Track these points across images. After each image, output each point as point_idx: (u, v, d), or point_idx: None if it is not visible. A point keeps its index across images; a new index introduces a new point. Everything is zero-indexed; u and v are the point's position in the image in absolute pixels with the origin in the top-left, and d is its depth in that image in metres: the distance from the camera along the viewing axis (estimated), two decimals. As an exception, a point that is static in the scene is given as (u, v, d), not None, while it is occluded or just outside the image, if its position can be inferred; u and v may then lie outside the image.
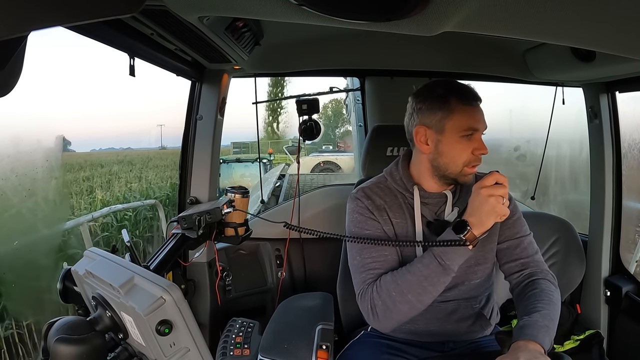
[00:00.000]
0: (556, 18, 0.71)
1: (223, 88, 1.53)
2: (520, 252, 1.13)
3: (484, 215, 0.97)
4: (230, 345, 1.20)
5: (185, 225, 1.26)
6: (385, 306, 1.04)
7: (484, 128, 1.07)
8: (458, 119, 1.05)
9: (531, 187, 1.93)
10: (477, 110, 1.07)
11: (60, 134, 12.34)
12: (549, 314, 0.96)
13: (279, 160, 15.11)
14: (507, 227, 1.15)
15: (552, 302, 1.00)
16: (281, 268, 1.81)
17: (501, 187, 0.97)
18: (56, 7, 0.42)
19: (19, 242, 3.11)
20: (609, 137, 1.59)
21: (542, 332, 0.90)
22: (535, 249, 1.15)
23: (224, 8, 0.84)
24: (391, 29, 0.77)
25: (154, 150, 21.57)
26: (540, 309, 0.96)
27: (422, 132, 1.09)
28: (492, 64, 1.70)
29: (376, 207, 1.14)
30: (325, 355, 1.07)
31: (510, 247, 1.14)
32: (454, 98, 1.05)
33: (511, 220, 1.15)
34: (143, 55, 1.09)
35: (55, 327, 0.70)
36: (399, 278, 1.04)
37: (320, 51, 1.71)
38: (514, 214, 1.16)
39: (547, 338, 0.90)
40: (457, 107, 1.05)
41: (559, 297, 1.05)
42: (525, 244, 1.14)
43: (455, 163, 1.07)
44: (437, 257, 1.01)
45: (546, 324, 0.92)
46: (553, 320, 0.95)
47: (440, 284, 1.03)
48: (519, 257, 1.12)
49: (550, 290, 1.04)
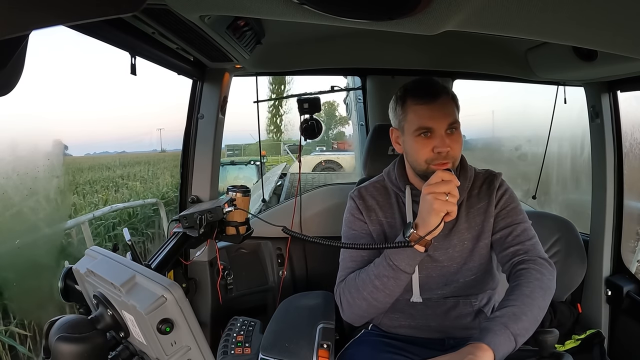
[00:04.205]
0: (558, 17, 0.70)
1: (224, 87, 1.53)
2: (512, 240, 1.10)
3: (425, 214, 0.98)
4: (232, 344, 1.20)
5: (186, 224, 1.27)
6: (347, 302, 1.12)
7: (445, 124, 1.05)
8: (411, 119, 1.08)
9: (532, 187, 1.93)
10: (432, 108, 1.05)
11: (58, 137, 12.47)
12: (514, 309, 0.93)
13: (272, 163, 15.17)
14: (502, 217, 1.14)
15: (524, 294, 0.96)
16: (282, 267, 1.81)
17: (443, 184, 0.96)
18: (57, 6, 0.42)
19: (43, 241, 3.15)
20: (611, 137, 1.58)
21: (492, 332, 0.89)
22: (529, 236, 1.11)
23: (226, 7, 0.84)
24: (393, 28, 0.77)
25: (153, 153, 21.63)
26: (506, 304, 0.95)
27: (395, 133, 1.16)
28: (494, 63, 1.70)
29: (366, 207, 1.20)
30: (326, 354, 1.07)
31: (503, 237, 1.12)
32: (409, 97, 1.08)
33: (505, 211, 1.14)
34: (144, 54, 1.09)
35: (57, 326, 0.70)
36: (357, 276, 1.11)
37: (322, 50, 1.71)
38: (509, 204, 1.15)
39: (502, 338, 0.88)
40: (410, 107, 1.08)
41: (541, 286, 0.99)
42: (518, 231, 1.11)
43: (418, 161, 1.09)
44: (386, 258, 1.05)
45: (502, 322, 0.90)
46: (518, 316, 0.92)
47: (393, 284, 1.06)
48: (510, 245, 1.10)
49: (529, 279, 1.00)
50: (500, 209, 1.15)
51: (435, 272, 1.15)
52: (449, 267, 1.16)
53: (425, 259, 1.14)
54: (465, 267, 1.16)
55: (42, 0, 0.41)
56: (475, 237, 1.15)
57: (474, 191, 1.18)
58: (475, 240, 1.15)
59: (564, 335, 1.53)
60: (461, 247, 1.15)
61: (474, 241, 1.15)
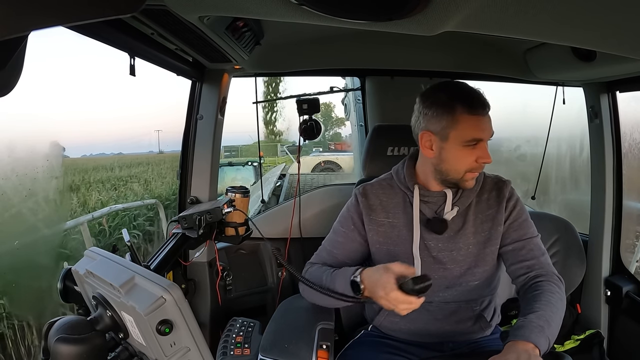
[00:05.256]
0: (556, 18, 0.70)
1: (223, 88, 1.53)
2: (526, 253, 1.11)
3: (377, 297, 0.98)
4: (231, 344, 1.20)
5: (185, 225, 1.27)
6: (304, 286, 1.16)
7: (490, 136, 1.07)
8: (462, 129, 1.04)
9: (531, 187, 1.93)
10: (483, 120, 1.05)
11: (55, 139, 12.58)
12: (545, 314, 0.95)
13: (269, 164, 15.18)
14: (514, 229, 1.14)
15: (551, 302, 0.98)
16: (282, 267, 1.81)
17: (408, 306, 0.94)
18: (56, 7, 0.42)
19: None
20: (610, 137, 1.58)
21: (535, 332, 0.89)
22: (542, 251, 1.13)
23: (225, 8, 0.84)
24: (392, 28, 0.77)
25: (150, 154, 21.69)
26: (536, 309, 0.96)
27: (426, 137, 1.09)
28: (493, 63, 1.70)
29: (368, 205, 1.18)
30: (326, 355, 1.07)
31: (516, 249, 1.12)
32: (460, 106, 1.03)
33: (517, 223, 1.14)
34: (143, 55, 1.09)
35: (56, 327, 0.70)
36: (319, 274, 1.13)
37: (321, 51, 1.71)
38: (520, 216, 1.14)
39: (542, 338, 0.89)
40: (461, 117, 1.03)
41: (561, 298, 1.02)
42: (532, 245, 1.12)
43: (457, 170, 1.07)
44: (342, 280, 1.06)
45: (540, 325, 0.91)
46: (549, 321, 0.94)
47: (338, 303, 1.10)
48: (525, 259, 1.11)
49: (552, 291, 1.02)
50: (512, 221, 1.14)
51: (437, 273, 1.14)
52: (452, 269, 1.15)
53: (429, 260, 1.14)
54: (469, 272, 1.15)
55: (41, 1, 0.41)
56: (481, 243, 1.14)
57: (484, 196, 1.16)
58: (481, 246, 1.14)
59: (563, 335, 1.53)
60: (466, 251, 1.14)
61: (480, 247, 1.14)
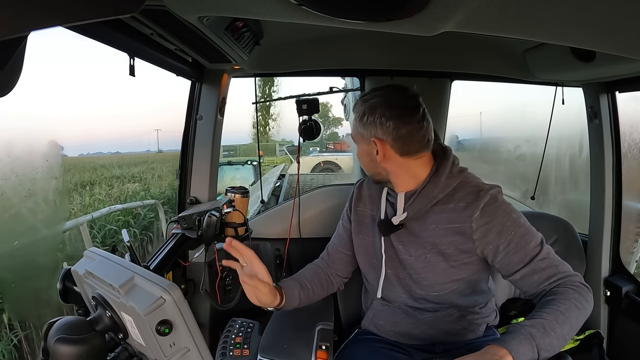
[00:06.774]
0: (556, 18, 0.70)
1: (223, 88, 1.53)
2: (539, 277, 1.00)
3: None
4: (230, 345, 1.20)
5: (185, 225, 1.27)
6: None
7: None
8: None
9: (531, 187, 1.93)
10: None
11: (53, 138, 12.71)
12: (544, 322, 0.88)
13: (267, 163, 15.22)
14: (512, 253, 1.02)
15: (559, 310, 0.91)
16: (281, 268, 1.80)
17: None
18: (56, 7, 0.42)
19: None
20: (609, 137, 1.58)
21: (517, 339, 0.84)
22: (555, 261, 1.02)
23: (224, 8, 0.84)
24: (391, 29, 0.77)
25: (148, 154, 21.82)
26: (537, 316, 0.91)
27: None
28: (492, 64, 1.70)
29: (359, 196, 1.28)
30: (325, 356, 1.07)
31: (526, 276, 1.01)
32: None
33: (513, 244, 1.02)
34: (143, 55, 1.09)
35: (55, 327, 0.70)
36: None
37: (320, 51, 1.71)
38: (507, 236, 1.03)
39: (526, 347, 0.84)
40: None
41: (577, 306, 0.93)
42: (543, 265, 1.00)
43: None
44: None
45: (531, 332, 0.86)
46: (547, 330, 0.87)
47: None
48: (540, 283, 1.00)
49: (566, 297, 0.94)
50: (506, 244, 1.03)
51: (402, 274, 1.16)
52: (417, 276, 1.13)
53: (395, 258, 1.16)
54: (437, 280, 1.12)
55: (41, 1, 0.41)
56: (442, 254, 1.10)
57: (449, 205, 1.08)
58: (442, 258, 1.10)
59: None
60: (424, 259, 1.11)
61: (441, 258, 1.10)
